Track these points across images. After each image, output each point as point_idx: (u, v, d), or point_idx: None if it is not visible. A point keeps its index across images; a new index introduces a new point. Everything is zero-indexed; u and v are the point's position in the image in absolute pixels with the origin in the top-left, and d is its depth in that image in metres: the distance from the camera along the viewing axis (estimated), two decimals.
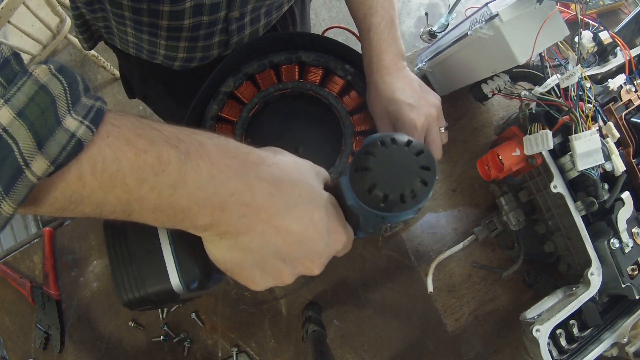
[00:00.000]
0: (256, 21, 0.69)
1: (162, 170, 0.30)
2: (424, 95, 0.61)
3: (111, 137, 0.29)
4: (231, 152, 0.35)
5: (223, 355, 0.71)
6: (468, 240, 0.71)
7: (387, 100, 0.60)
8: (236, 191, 0.33)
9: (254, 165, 0.35)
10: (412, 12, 2.05)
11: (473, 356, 0.71)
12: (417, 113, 0.58)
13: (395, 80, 0.60)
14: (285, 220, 0.35)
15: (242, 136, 0.68)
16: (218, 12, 0.61)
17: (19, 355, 0.71)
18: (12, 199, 0.26)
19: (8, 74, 0.26)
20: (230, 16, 0.63)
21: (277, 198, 0.35)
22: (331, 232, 0.38)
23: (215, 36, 0.67)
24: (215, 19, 0.62)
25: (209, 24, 0.63)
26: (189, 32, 0.64)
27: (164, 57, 0.72)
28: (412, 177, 0.35)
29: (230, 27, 0.66)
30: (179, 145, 0.32)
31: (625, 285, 0.58)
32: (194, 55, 0.71)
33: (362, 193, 0.36)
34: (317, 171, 0.41)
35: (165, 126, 0.33)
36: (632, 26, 0.70)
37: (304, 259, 0.38)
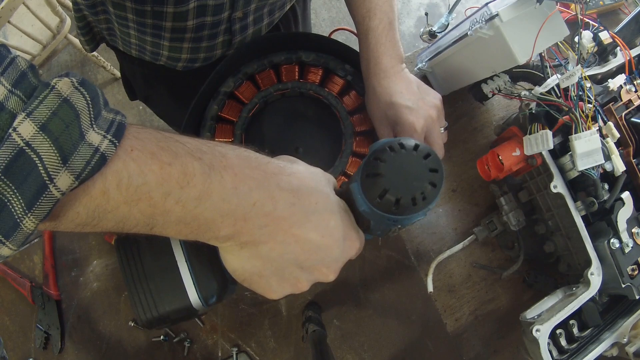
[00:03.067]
0: (259, 21, 0.69)
1: (187, 183, 0.30)
2: (423, 96, 0.61)
3: (135, 150, 0.29)
4: (252, 162, 0.35)
5: (223, 355, 0.71)
6: (468, 240, 0.71)
7: (386, 104, 0.60)
8: (258, 201, 0.33)
9: (274, 175, 0.35)
10: (412, 12, 2.05)
11: (473, 356, 0.71)
12: (416, 116, 0.58)
13: (393, 83, 0.60)
14: (304, 229, 0.35)
15: (242, 136, 0.68)
16: (222, 12, 0.61)
17: (19, 355, 0.71)
18: (35, 215, 0.25)
19: (27, 87, 0.26)
20: (234, 16, 0.63)
21: (297, 207, 0.35)
22: (346, 239, 0.38)
23: (219, 37, 0.67)
24: (218, 19, 0.62)
25: (212, 25, 0.63)
26: (192, 33, 0.64)
27: (167, 58, 0.72)
28: (421, 180, 0.36)
29: (233, 27, 0.66)
30: (202, 157, 0.32)
31: (625, 285, 0.58)
32: (198, 56, 0.71)
33: (374, 199, 0.37)
34: (327, 178, 0.41)
35: (186, 138, 0.33)
36: (632, 26, 0.70)
37: (320, 266, 0.38)
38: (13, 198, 0.24)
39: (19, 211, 0.25)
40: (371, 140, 0.67)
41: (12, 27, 1.49)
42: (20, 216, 0.25)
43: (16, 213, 0.25)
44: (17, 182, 0.24)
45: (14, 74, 0.25)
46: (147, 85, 0.87)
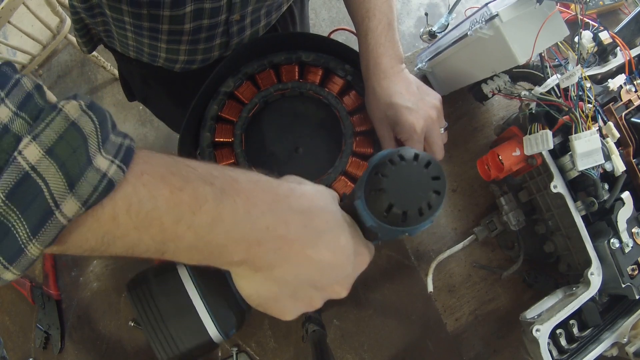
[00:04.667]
0: (256, 22, 0.69)
1: (199, 208, 0.30)
2: (423, 97, 0.61)
3: (146, 175, 0.28)
4: (263, 186, 0.35)
5: (223, 355, 0.71)
6: (468, 240, 0.71)
7: (386, 104, 0.60)
8: (271, 225, 0.33)
9: (285, 197, 0.35)
10: (412, 12, 2.05)
11: (473, 356, 0.71)
12: (416, 116, 0.58)
13: (393, 84, 0.60)
14: (317, 249, 0.35)
15: (242, 136, 0.68)
16: (219, 15, 0.61)
17: (19, 355, 0.71)
18: (40, 241, 0.25)
19: (32, 109, 0.25)
20: (231, 19, 0.63)
21: (309, 228, 0.35)
22: (357, 254, 0.38)
23: (216, 39, 0.67)
24: (215, 22, 0.62)
25: (209, 27, 0.63)
26: (189, 36, 0.64)
27: (165, 60, 0.72)
28: (425, 190, 0.36)
29: (231, 30, 0.66)
30: (214, 182, 0.31)
31: (625, 285, 0.58)
32: (195, 58, 0.71)
33: (380, 214, 0.37)
34: (333, 195, 0.41)
35: (197, 163, 0.32)
36: (632, 26, 0.70)
37: (334, 284, 0.38)
38: (17, 223, 0.24)
39: (24, 237, 0.24)
40: (371, 140, 0.67)
41: (12, 27, 1.49)
42: (25, 242, 0.24)
43: (20, 238, 0.24)
44: (22, 207, 0.24)
45: (19, 95, 0.25)
46: (145, 86, 0.87)
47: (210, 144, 0.67)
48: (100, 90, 2.05)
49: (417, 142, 0.59)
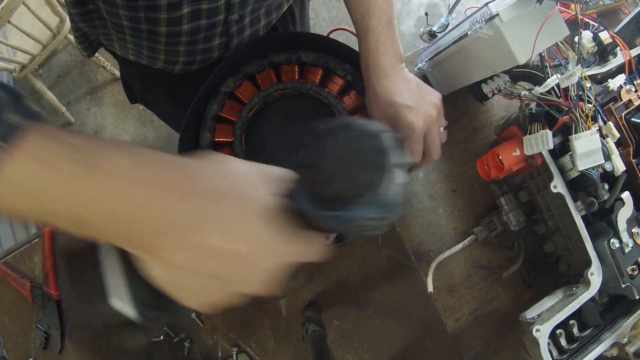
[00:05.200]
0: (256, 22, 0.69)
1: (72, 187, 0.29)
2: (423, 95, 0.61)
3: (23, 152, 0.28)
4: (148, 162, 0.32)
5: (223, 355, 0.71)
6: (468, 240, 0.71)
7: (386, 103, 0.60)
8: (152, 205, 0.31)
9: (174, 175, 0.32)
10: (412, 12, 2.05)
11: (473, 356, 0.71)
12: (415, 115, 0.58)
13: (393, 83, 0.60)
14: (207, 236, 0.32)
15: (242, 136, 0.68)
16: (217, 15, 0.61)
17: (19, 355, 0.71)
18: None
19: None
20: (230, 19, 0.63)
21: (208, 213, 0.32)
22: (275, 244, 0.34)
23: (215, 39, 0.67)
24: (214, 22, 0.62)
25: (208, 27, 0.63)
26: (188, 37, 0.64)
27: (164, 62, 0.72)
28: (365, 165, 0.30)
29: (230, 30, 0.66)
30: (89, 160, 0.30)
31: (625, 285, 0.58)
32: (194, 58, 0.71)
33: (308, 193, 0.31)
34: (267, 177, 0.37)
35: (82, 140, 0.31)
36: (632, 26, 0.70)
37: (242, 276, 0.34)
38: None
39: None
40: None
41: (12, 27, 1.49)
42: None
43: None
44: None
45: None
46: (145, 89, 0.87)
47: (210, 144, 0.67)
48: (101, 90, 2.05)
49: (416, 141, 0.59)
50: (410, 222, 0.75)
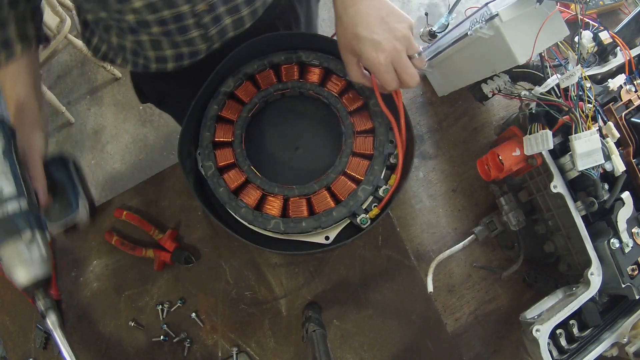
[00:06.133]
0: (235, 10, 0.67)
1: None
2: (392, 26, 0.58)
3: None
4: None
5: (223, 355, 0.71)
6: (468, 240, 0.71)
7: (352, 34, 0.59)
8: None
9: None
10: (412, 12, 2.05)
11: (473, 356, 0.71)
12: (380, 50, 0.57)
13: (360, 12, 0.58)
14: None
15: (242, 136, 0.68)
16: (178, 6, 0.60)
17: (19, 355, 0.71)
18: None
19: None
20: (196, 10, 0.62)
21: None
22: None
23: (191, 30, 0.66)
24: (178, 13, 0.61)
25: (175, 19, 0.62)
26: (159, 27, 0.63)
27: (155, 61, 0.72)
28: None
29: (202, 21, 0.65)
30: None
31: (625, 285, 0.58)
32: (181, 51, 0.70)
33: None
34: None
35: None
36: (632, 26, 0.70)
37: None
38: None
39: None
40: (372, 140, 0.67)
41: None
42: None
43: None
44: None
45: None
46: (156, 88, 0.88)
47: (210, 143, 0.67)
48: (100, 90, 2.05)
49: (384, 73, 0.58)
50: (410, 222, 0.75)
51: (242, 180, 0.66)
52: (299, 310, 0.72)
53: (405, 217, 0.76)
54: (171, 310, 0.72)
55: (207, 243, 0.75)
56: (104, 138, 1.90)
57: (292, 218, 0.64)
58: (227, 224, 0.64)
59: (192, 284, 0.73)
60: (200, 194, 0.67)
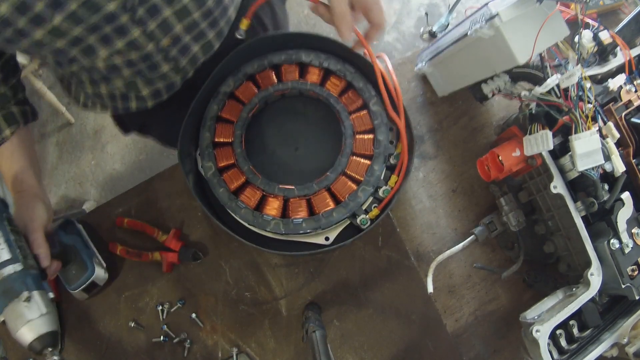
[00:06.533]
0: (201, 36, 0.66)
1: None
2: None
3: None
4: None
5: (223, 355, 0.71)
6: (468, 240, 0.71)
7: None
8: None
9: None
10: (412, 12, 2.05)
11: (473, 356, 0.71)
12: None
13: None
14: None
15: (242, 136, 0.68)
16: (142, 47, 0.61)
17: (18, 355, 0.71)
18: None
19: None
20: (161, 46, 0.62)
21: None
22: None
23: (162, 66, 0.66)
24: (146, 53, 0.62)
25: (143, 59, 0.63)
26: (129, 69, 0.64)
27: (136, 101, 0.72)
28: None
29: (170, 55, 0.65)
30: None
31: (625, 285, 0.58)
32: (157, 87, 0.70)
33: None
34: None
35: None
36: (632, 26, 0.70)
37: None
38: None
39: None
40: (372, 140, 0.67)
41: None
42: None
43: None
44: None
45: None
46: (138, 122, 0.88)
47: (210, 144, 0.67)
48: None
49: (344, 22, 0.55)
50: (410, 222, 0.75)
51: (242, 180, 0.66)
52: (299, 310, 0.72)
53: (405, 217, 0.76)
54: (171, 310, 0.72)
55: (207, 243, 0.75)
56: (104, 138, 1.90)
57: (292, 219, 0.64)
58: (227, 224, 0.64)
59: (192, 284, 0.73)
60: (200, 195, 0.67)
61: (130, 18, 0.55)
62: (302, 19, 1.90)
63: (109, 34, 0.56)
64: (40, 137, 1.83)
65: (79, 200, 1.74)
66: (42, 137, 1.84)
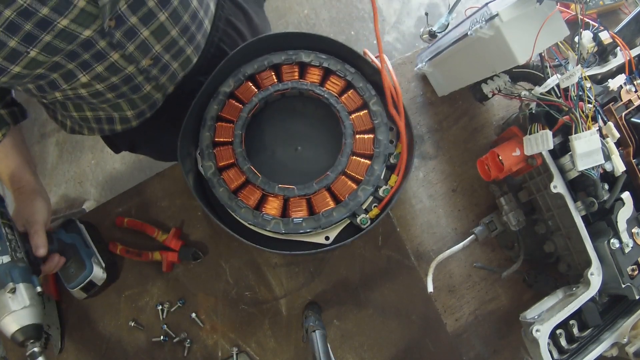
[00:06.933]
0: (179, 53, 0.67)
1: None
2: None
3: None
4: None
5: (223, 355, 0.71)
6: (468, 240, 0.71)
7: None
8: None
9: None
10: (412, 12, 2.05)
11: (473, 356, 0.71)
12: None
13: None
14: None
15: (242, 136, 0.68)
16: (123, 69, 0.61)
17: (18, 355, 0.71)
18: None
19: None
20: (141, 67, 0.63)
21: None
22: None
23: (144, 86, 0.67)
24: (126, 75, 0.62)
25: (124, 81, 0.63)
26: (112, 92, 0.64)
27: (120, 122, 0.73)
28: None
29: (150, 74, 0.66)
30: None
31: (625, 285, 0.58)
32: (141, 109, 0.71)
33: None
34: None
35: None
36: (632, 26, 0.70)
37: None
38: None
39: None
40: (371, 140, 0.67)
41: None
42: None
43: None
44: None
45: None
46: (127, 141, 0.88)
47: (210, 143, 0.67)
48: None
49: None
50: (410, 222, 0.75)
51: (242, 180, 0.66)
52: (299, 310, 0.72)
53: (405, 217, 0.76)
54: (171, 310, 0.72)
55: (207, 243, 0.75)
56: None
57: (292, 218, 0.64)
58: (227, 224, 0.64)
59: (192, 284, 0.73)
60: (200, 194, 0.67)
61: (107, 43, 0.56)
62: (302, 19, 1.90)
63: (88, 60, 0.57)
64: (40, 137, 1.83)
65: (79, 200, 1.74)
66: (42, 137, 1.84)
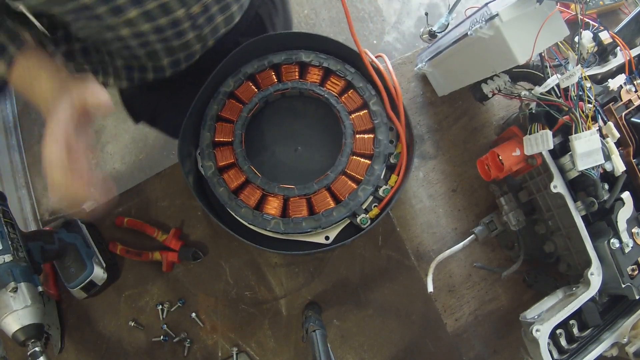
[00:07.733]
0: (226, 8, 0.68)
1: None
2: None
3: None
4: None
5: (223, 355, 0.71)
6: (468, 240, 0.71)
7: None
8: None
9: None
10: (412, 12, 2.05)
11: (473, 356, 0.71)
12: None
13: None
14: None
15: (242, 136, 0.68)
16: (174, 12, 0.61)
17: (18, 355, 0.71)
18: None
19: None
20: (191, 12, 0.63)
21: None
22: None
23: (188, 33, 0.66)
24: (175, 19, 0.62)
25: (171, 25, 0.63)
26: (155, 35, 0.63)
27: (153, 71, 0.72)
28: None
29: (197, 22, 0.66)
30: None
31: (625, 285, 0.58)
32: (178, 57, 0.70)
33: None
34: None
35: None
36: (632, 26, 0.70)
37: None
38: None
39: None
40: (372, 140, 0.67)
41: None
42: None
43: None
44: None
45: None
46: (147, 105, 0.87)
47: (210, 143, 0.67)
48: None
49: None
50: (410, 222, 0.75)
51: (242, 180, 0.66)
52: (299, 310, 0.72)
53: (405, 217, 0.76)
54: (171, 310, 0.72)
55: (207, 243, 0.75)
56: (104, 138, 1.90)
57: (292, 218, 0.64)
58: (227, 224, 0.64)
59: (192, 284, 0.73)
60: (200, 194, 0.67)
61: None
62: (302, 19, 1.90)
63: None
64: (41, 137, 1.83)
65: None
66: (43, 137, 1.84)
